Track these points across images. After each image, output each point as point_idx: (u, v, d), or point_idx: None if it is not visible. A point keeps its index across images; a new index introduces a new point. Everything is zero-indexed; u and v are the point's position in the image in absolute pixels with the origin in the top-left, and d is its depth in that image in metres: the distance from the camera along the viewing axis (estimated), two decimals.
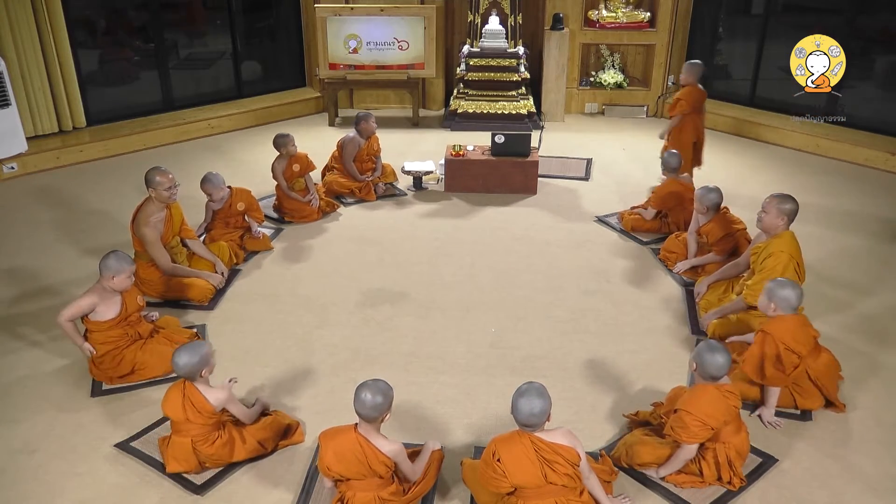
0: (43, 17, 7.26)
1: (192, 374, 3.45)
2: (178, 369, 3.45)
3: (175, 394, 3.47)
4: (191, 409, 3.43)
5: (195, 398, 3.44)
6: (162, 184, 4.78)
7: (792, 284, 3.80)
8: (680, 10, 8.83)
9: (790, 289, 3.75)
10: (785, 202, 4.29)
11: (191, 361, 3.43)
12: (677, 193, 5.80)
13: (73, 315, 4.05)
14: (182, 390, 3.46)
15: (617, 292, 5.14)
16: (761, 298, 3.87)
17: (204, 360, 3.47)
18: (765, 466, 3.57)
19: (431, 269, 5.45)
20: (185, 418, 3.43)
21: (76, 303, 4.06)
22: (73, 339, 4.12)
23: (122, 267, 4.02)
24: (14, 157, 7.10)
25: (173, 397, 3.47)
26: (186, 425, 3.46)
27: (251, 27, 9.53)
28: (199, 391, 3.46)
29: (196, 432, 3.47)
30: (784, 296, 3.74)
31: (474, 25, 8.37)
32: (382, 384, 3.18)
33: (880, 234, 6.01)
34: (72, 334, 4.10)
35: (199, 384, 3.48)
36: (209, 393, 3.47)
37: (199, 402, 3.44)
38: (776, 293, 3.76)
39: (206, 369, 3.48)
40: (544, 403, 3.02)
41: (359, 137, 6.54)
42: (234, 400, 3.60)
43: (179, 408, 3.43)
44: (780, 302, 3.74)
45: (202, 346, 3.52)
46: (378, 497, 3.20)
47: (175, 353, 3.47)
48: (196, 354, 3.45)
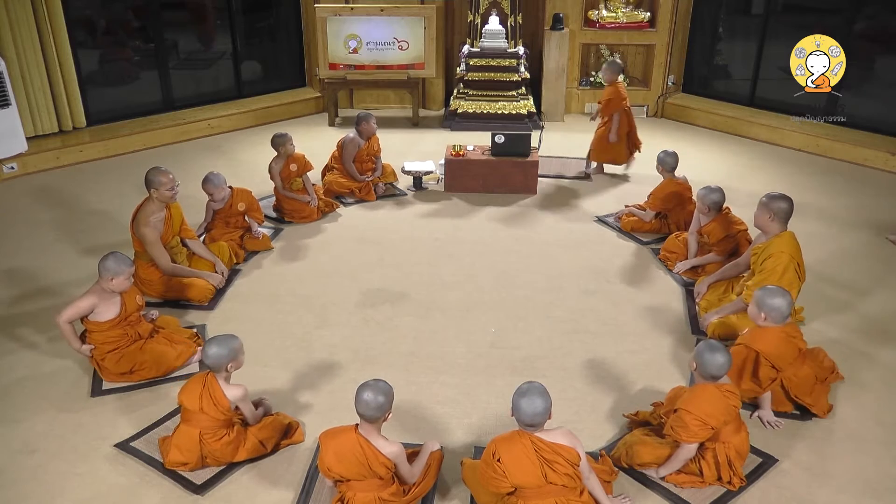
0: (43, 17, 7.26)
1: (218, 366, 3.48)
2: (206, 358, 3.49)
3: (196, 384, 3.52)
4: (207, 401, 3.46)
5: (214, 390, 3.48)
6: (164, 184, 4.79)
7: (782, 293, 3.73)
8: (680, 10, 8.84)
9: (780, 298, 3.70)
10: (775, 201, 4.27)
11: (219, 353, 3.47)
12: (677, 193, 5.81)
13: (72, 316, 4.04)
14: (204, 381, 3.50)
15: (617, 292, 5.14)
16: (751, 308, 3.81)
17: (232, 353, 3.50)
18: (765, 466, 3.57)
19: (431, 269, 5.45)
20: (200, 408, 3.46)
21: (75, 304, 4.06)
22: (71, 342, 4.12)
23: (121, 268, 4.02)
24: (14, 157, 7.10)
25: (193, 387, 3.51)
26: (198, 416, 3.48)
27: (251, 27, 9.53)
28: (219, 385, 3.49)
29: (206, 425, 3.49)
30: (774, 305, 3.68)
31: (474, 25, 8.37)
32: (383, 384, 3.18)
33: (880, 234, 6.01)
34: (69, 336, 4.09)
35: (220, 378, 3.51)
36: (227, 389, 3.52)
37: (218, 395, 3.47)
38: (766, 303, 3.70)
39: (232, 363, 3.52)
40: (546, 402, 3.03)
41: (359, 138, 6.54)
42: (247, 399, 3.62)
43: (196, 397, 3.47)
44: (771, 312, 3.70)
45: (233, 340, 3.55)
46: (378, 497, 3.20)
47: (206, 342, 3.53)
48: (226, 347, 3.49)
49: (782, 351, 3.72)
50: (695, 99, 9.12)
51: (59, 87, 7.54)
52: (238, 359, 3.56)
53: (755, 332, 3.80)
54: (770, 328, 3.73)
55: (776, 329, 3.73)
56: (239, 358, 3.56)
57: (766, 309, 3.71)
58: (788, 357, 3.75)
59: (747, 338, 3.81)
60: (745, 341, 3.80)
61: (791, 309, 3.77)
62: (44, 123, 7.54)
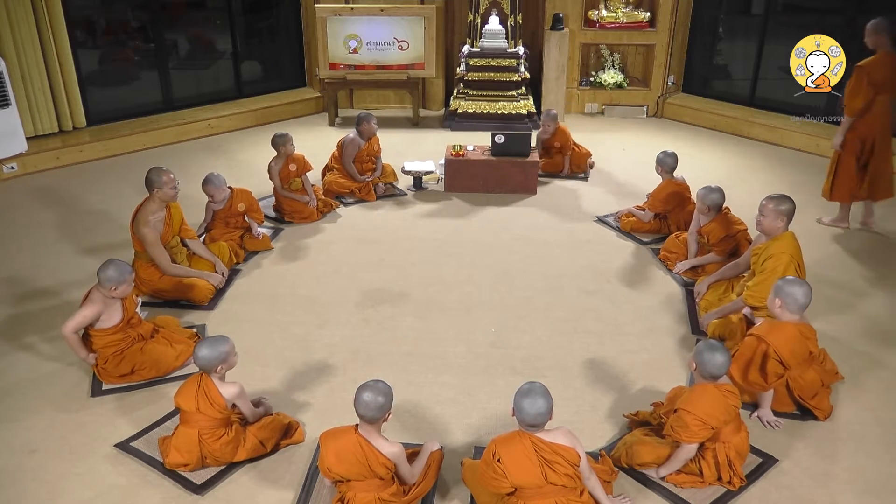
0: (43, 17, 7.27)
1: (207, 368, 3.49)
2: (196, 360, 3.50)
3: (191, 385, 3.52)
4: (203, 401, 3.46)
5: (209, 390, 3.48)
6: (167, 183, 4.80)
7: (801, 283, 3.73)
8: (680, 10, 8.84)
9: (798, 287, 3.68)
10: (782, 203, 4.28)
11: (208, 355, 3.47)
12: (677, 193, 5.81)
13: (77, 326, 4.02)
14: (199, 382, 3.50)
15: (617, 292, 5.14)
16: (769, 296, 3.80)
17: (221, 356, 3.50)
18: (765, 466, 3.56)
19: (431, 269, 5.45)
20: (196, 408, 3.46)
21: (80, 313, 4.02)
22: (77, 352, 4.11)
23: (124, 277, 4.02)
24: (14, 157, 7.10)
25: (188, 388, 3.51)
26: (196, 416, 3.48)
27: (251, 27, 9.54)
28: (214, 384, 3.50)
29: (204, 424, 3.49)
30: (790, 292, 3.67)
31: (474, 25, 8.37)
32: (383, 385, 3.18)
33: (880, 234, 6.01)
34: (76, 347, 4.08)
35: (214, 378, 3.52)
36: (222, 387, 3.52)
37: (213, 394, 3.48)
38: (783, 289, 3.69)
39: (222, 366, 3.51)
40: (548, 403, 3.03)
41: (359, 138, 6.54)
42: (244, 396, 3.62)
43: (192, 398, 3.47)
44: (786, 298, 3.67)
45: (223, 343, 3.55)
46: (378, 498, 3.20)
47: (197, 344, 3.53)
48: (214, 349, 3.49)
49: (794, 348, 3.69)
50: (695, 99, 9.12)
51: (59, 87, 7.54)
52: (228, 360, 3.54)
53: (770, 324, 3.77)
54: (786, 324, 3.70)
55: (791, 325, 3.70)
56: (229, 360, 3.55)
57: (782, 294, 3.68)
58: (799, 356, 3.72)
59: (761, 329, 3.77)
60: (758, 332, 3.76)
61: (808, 300, 3.70)
62: (44, 123, 7.54)
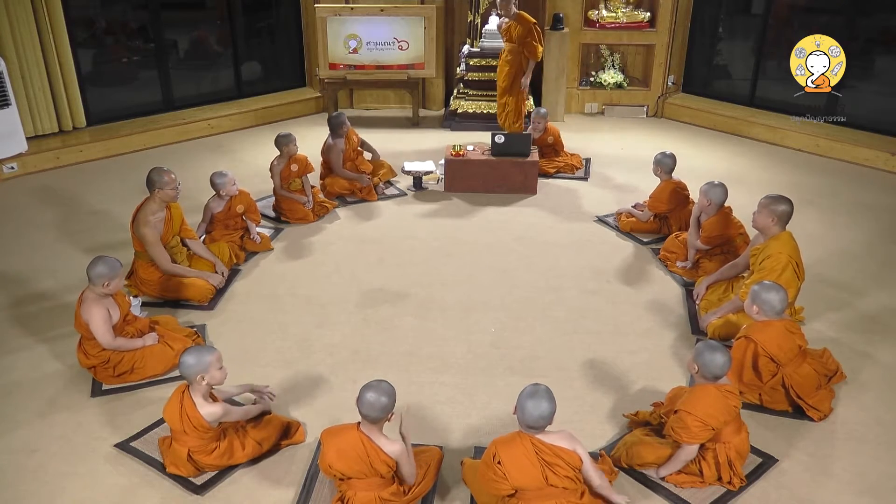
0: (43, 17, 7.26)
1: (187, 376, 3.40)
2: (179, 367, 3.43)
3: (174, 402, 3.42)
4: (187, 422, 3.38)
5: (191, 411, 3.37)
6: (168, 183, 4.81)
7: (776, 288, 3.79)
8: (680, 10, 8.84)
9: (774, 292, 3.76)
10: (777, 203, 4.31)
11: (189, 363, 3.36)
12: (678, 192, 5.81)
13: (107, 331, 4.00)
14: (181, 399, 3.40)
15: (617, 292, 5.14)
16: (746, 301, 3.89)
17: (202, 365, 3.37)
18: (765, 466, 3.57)
19: (431, 269, 5.45)
20: (182, 430, 3.39)
21: (95, 321, 3.98)
22: (134, 345, 4.10)
23: (115, 271, 4.00)
24: (14, 157, 7.10)
25: (172, 405, 3.42)
26: (183, 436, 3.42)
27: (251, 27, 9.53)
28: (195, 405, 3.38)
29: (193, 443, 3.43)
30: (766, 299, 3.75)
31: (474, 25, 8.37)
32: (387, 385, 3.18)
33: (880, 234, 6.01)
34: (129, 344, 4.08)
35: (195, 393, 3.40)
36: (203, 407, 3.40)
37: (195, 416, 3.37)
38: (759, 296, 3.78)
39: (203, 375, 3.37)
40: (552, 407, 3.03)
41: (339, 143, 6.52)
42: (230, 412, 3.52)
43: (177, 418, 3.39)
44: (763, 305, 3.76)
45: (208, 353, 3.42)
46: (378, 497, 3.20)
47: (184, 352, 3.43)
48: (196, 357, 3.38)
49: (781, 343, 3.75)
50: (695, 99, 9.12)
51: (59, 87, 7.54)
52: (210, 372, 3.37)
53: (756, 327, 3.83)
54: (771, 322, 3.77)
55: (777, 322, 3.78)
56: (211, 371, 3.38)
57: (758, 301, 3.78)
58: (788, 351, 3.77)
59: (748, 330, 3.86)
60: (745, 333, 3.85)
61: (784, 305, 3.80)
62: (44, 123, 7.54)
